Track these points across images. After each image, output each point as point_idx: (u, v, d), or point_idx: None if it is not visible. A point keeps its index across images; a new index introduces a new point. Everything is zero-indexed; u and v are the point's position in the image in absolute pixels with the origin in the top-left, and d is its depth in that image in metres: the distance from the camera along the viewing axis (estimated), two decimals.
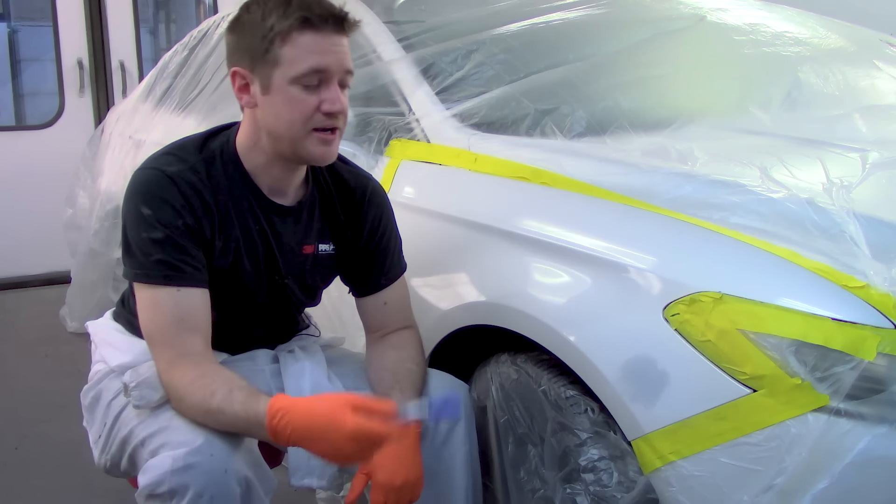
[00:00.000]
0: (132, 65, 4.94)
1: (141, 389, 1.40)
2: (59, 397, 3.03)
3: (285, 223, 1.47)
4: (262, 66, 1.34)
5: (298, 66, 1.32)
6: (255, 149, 1.42)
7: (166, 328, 1.35)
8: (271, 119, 1.37)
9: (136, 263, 1.36)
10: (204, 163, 1.40)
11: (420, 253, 1.71)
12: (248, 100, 1.38)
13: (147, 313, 1.37)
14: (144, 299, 1.36)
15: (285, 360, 1.55)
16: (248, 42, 1.35)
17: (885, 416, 1.13)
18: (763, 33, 2.35)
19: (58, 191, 3.90)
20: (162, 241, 1.33)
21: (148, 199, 1.35)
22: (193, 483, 1.22)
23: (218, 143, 1.44)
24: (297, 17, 1.31)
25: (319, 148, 1.37)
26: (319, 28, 1.32)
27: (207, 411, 1.29)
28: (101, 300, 3.55)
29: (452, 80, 1.93)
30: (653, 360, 1.26)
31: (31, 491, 2.43)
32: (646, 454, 1.26)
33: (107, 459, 1.49)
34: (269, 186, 1.45)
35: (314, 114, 1.34)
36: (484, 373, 1.62)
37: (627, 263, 1.33)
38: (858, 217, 1.26)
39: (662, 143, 1.60)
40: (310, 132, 1.36)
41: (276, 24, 1.31)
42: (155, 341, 1.36)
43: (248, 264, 1.45)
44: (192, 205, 1.36)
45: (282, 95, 1.34)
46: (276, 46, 1.32)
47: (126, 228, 1.37)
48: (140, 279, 1.36)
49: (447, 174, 1.75)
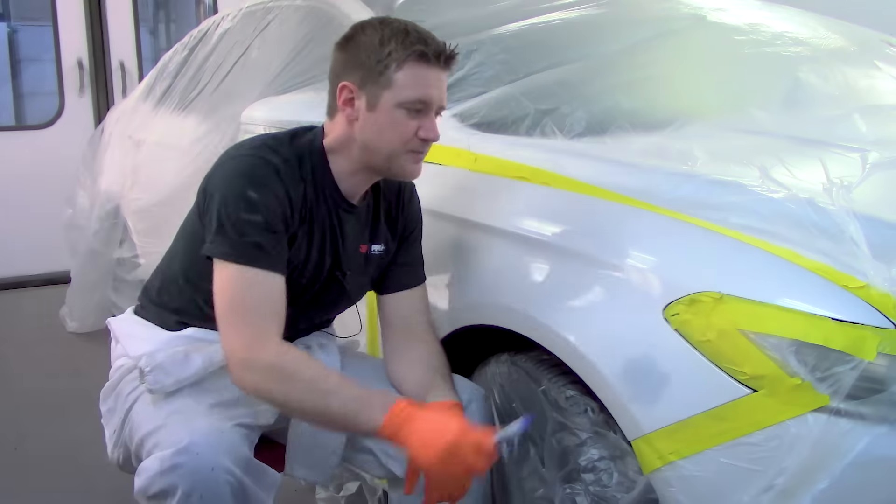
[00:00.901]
0: (132, 65, 4.94)
1: (155, 374, 1.44)
2: (59, 397, 3.03)
3: (350, 222, 1.55)
4: (372, 86, 1.43)
5: (408, 93, 1.42)
6: (343, 155, 1.49)
7: (252, 306, 1.37)
8: (371, 134, 1.45)
9: (227, 242, 1.38)
10: (296, 157, 1.47)
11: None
12: (350, 113, 1.46)
13: (231, 291, 1.38)
14: (231, 277, 1.38)
15: None
16: (361, 61, 1.44)
17: (885, 416, 1.13)
18: (763, 33, 2.35)
19: (58, 191, 3.90)
20: (261, 224, 1.38)
21: (254, 183, 1.40)
22: (181, 483, 1.24)
23: (306, 141, 1.51)
24: (416, 49, 1.42)
25: (412, 166, 1.49)
26: (431, 63, 1.43)
27: (317, 389, 1.34)
28: (101, 300, 3.56)
29: (452, 80, 1.93)
30: (653, 360, 1.26)
31: (31, 491, 2.43)
32: (646, 454, 1.26)
33: (119, 454, 1.52)
34: (347, 189, 1.53)
35: (412, 138, 1.45)
36: (484, 373, 1.62)
37: (627, 263, 1.33)
38: (858, 217, 1.26)
39: (662, 143, 1.60)
40: (406, 152, 1.46)
41: (395, 52, 1.42)
42: (236, 317, 1.37)
43: (317, 255, 1.51)
44: (290, 195, 1.43)
45: (387, 116, 1.43)
46: (390, 71, 1.42)
47: (220, 208, 1.39)
48: (229, 258, 1.38)
49: (447, 174, 1.75)
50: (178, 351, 1.48)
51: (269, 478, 1.35)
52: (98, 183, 3.47)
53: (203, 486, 1.24)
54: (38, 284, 4.60)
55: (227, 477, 1.26)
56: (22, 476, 2.51)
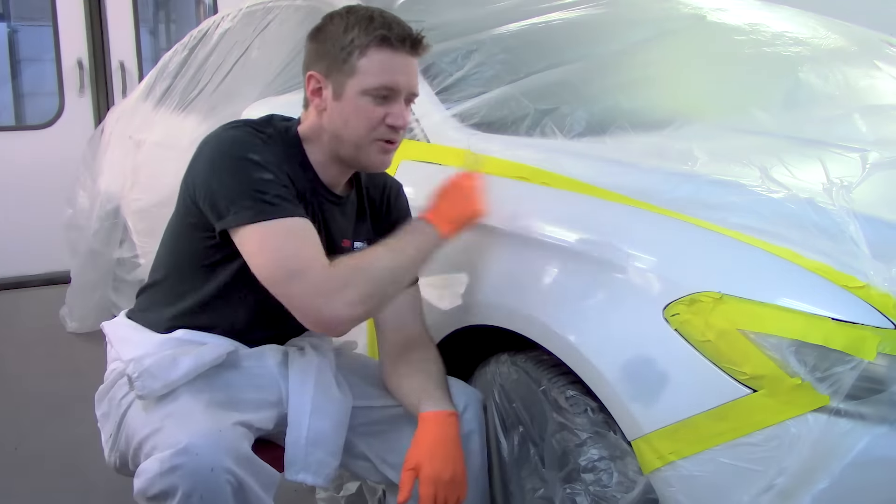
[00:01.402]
0: (132, 65, 4.94)
1: (143, 379, 1.42)
2: (59, 397, 3.03)
3: (333, 213, 1.54)
4: (337, 74, 1.43)
5: (372, 79, 1.41)
6: (316, 145, 1.49)
7: (300, 247, 1.35)
8: (339, 123, 1.45)
9: (245, 206, 1.35)
10: (278, 136, 1.47)
11: None
12: (319, 103, 1.46)
13: (275, 247, 1.35)
14: (264, 238, 1.35)
15: (293, 356, 1.56)
16: (327, 50, 1.44)
17: (885, 416, 1.13)
18: (763, 33, 2.35)
19: (58, 191, 3.90)
20: (273, 181, 1.38)
21: (250, 147, 1.40)
22: (182, 484, 1.23)
23: (282, 127, 1.50)
24: (377, 34, 1.41)
25: (379, 156, 1.48)
26: (396, 48, 1.42)
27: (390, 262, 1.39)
28: (101, 300, 3.56)
29: (452, 80, 1.93)
30: (653, 361, 1.26)
31: (31, 491, 2.43)
32: (646, 454, 1.26)
33: (116, 458, 1.51)
34: (325, 178, 1.52)
35: (379, 125, 1.44)
36: (484, 373, 1.62)
37: (627, 263, 1.33)
38: (858, 217, 1.26)
39: (662, 143, 1.60)
40: (372, 141, 1.45)
41: (357, 38, 1.41)
42: (294, 265, 1.34)
43: None
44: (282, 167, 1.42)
45: (352, 104, 1.43)
46: (353, 58, 1.41)
47: (227, 181, 1.37)
48: (260, 217, 1.35)
49: (447, 174, 1.75)
50: (165, 355, 1.45)
51: (269, 476, 1.35)
52: (98, 183, 3.47)
53: (203, 486, 1.24)
54: (38, 284, 4.60)
55: (227, 477, 1.26)
56: (22, 476, 2.51)
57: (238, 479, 1.27)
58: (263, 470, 1.34)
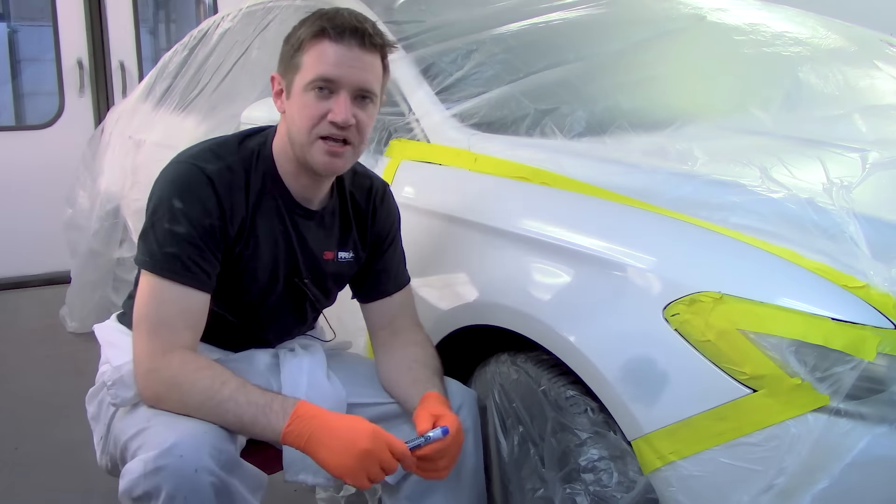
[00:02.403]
0: (132, 65, 4.94)
1: (117, 388, 1.43)
2: (59, 397, 3.03)
3: (309, 227, 1.51)
4: (288, 73, 1.42)
5: (309, 72, 1.37)
6: (286, 155, 1.46)
7: (164, 318, 1.36)
8: (289, 123, 1.42)
9: (148, 251, 1.37)
10: (242, 162, 1.44)
11: (420, 253, 1.71)
12: (280, 105, 1.45)
13: (146, 300, 1.37)
14: (147, 286, 1.38)
15: (284, 356, 1.56)
16: (283, 50, 1.43)
17: (885, 416, 1.13)
18: (763, 33, 2.35)
19: (58, 191, 3.90)
20: (182, 236, 1.35)
21: (182, 193, 1.37)
22: (165, 485, 1.23)
23: (256, 143, 1.48)
24: (316, 26, 1.37)
25: (323, 157, 1.40)
26: (336, 39, 1.37)
27: (211, 399, 1.31)
28: (101, 300, 3.55)
29: (452, 80, 1.93)
30: (653, 360, 1.26)
31: (31, 491, 2.43)
32: (646, 454, 1.26)
33: (107, 460, 1.50)
34: (299, 192, 1.48)
35: (320, 121, 1.38)
36: (484, 373, 1.62)
37: (627, 263, 1.33)
38: (858, 217, 1.26)
39: (662, 143, 1.60)
40: (316, 139, 1.39)
41: (302, 34, 1.39)
42: (147, 327, 1.36)
43: (267, 265, 1.48)
44: (222, 206, 1.39)
45: (297, 100, 1.40)
46: (298, 54, 1.39)
47: (150, 214, 1.38)
48: (147, 266, 1.37)
49: (447, 174, 1.75)
50: None
51: (256, 479, 1.34)
52: (98, 183, 3.47)
53: (187, 487, 1.23)
54: (38, 284, 4.60)
55: (210, 478, 1.24)
56: (22, 476, 2.51)
57: (222, 481, 1.26)
58: (249, 472, 1.33)
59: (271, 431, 1.31)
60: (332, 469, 1.29)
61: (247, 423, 1.31)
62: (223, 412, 1.31)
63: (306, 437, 1.29)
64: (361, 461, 1.28)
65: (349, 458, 1.28)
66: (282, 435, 1.30)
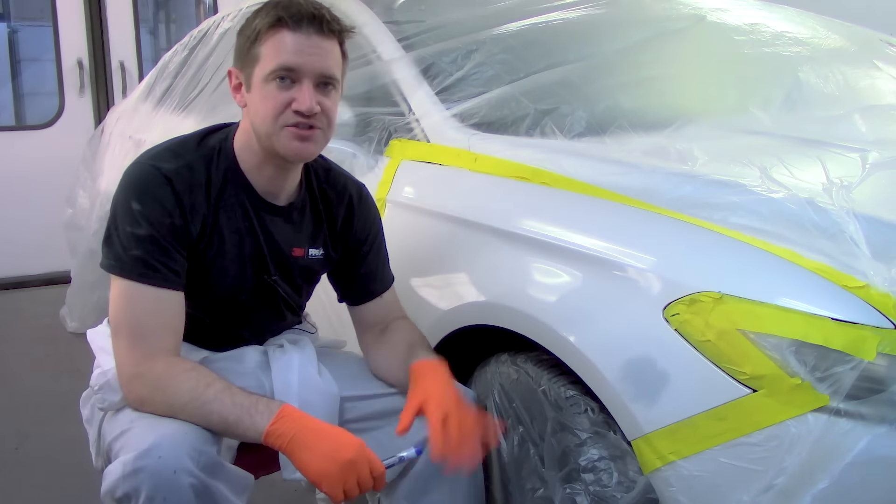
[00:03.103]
0: (132, 65, 4.95)
1: (104, 392, 1.44)
2: (59, 397, 3.03)
3: (276, 223, 1.49)
4: (246, 65, 1.40)
5: (269, 63, 1.36)
6: (249, 149, 1.44)
7: (140, 321, 1.36)
8: (253, 115, 1.41)
9: (112, 254, 1.37)
10: (202, 160, 1.43)
11: (420, 253, 1.71)
12: (240, 99, 1.43)
13: (119, 304, 1.37)
14: (119, 292, 1.37)
15: (274, 353, 1.55)
16: (239, 43, 1.41)
17: (885, 416, 1.13)
18: (763, 33, 2.35)
19: (58, 191, 3.90)
20: (144, 238, 1.35)
21: (139, 194, 1.36)
22: (144, 486, 1.22)
23: (217, 140, 1.46)
24: (272, 16, 1.35)
25: (292, 143, 1.39)
26: (294, 28, 1.35)
27: (196, 400, 1.31)
28: (101, 300, 3.54)
29: (452, 80, 1.93)
30: (653, 360, 1.26)
31: (31, 491, 2.43)
32: (646, 454, 1.26)
33: (101, 463, 1.51)
34: (263, 187, 1.47)
35: (284, 110, 1.37)
36: (484, 373, 1.62)
37: (627, 263, 1.33)
38: (858, 217, 1.26)
39: (662, 143, 1.60)
40: (282, 128, 1.38)
41: (258, 25, 1.37)
42: (125, 332, 1.36)
43: (233, 262, 1.47)
44: (182, 204, 1.38)
45: (259, 92, 1.38)
46: (256, 45, 1.37)
47: (112, 220, 1.38)
48: (114, 271, 1.37)
49: (447, 174, 1.75)
50: None
51: (241, 480, 1.33)
52: (98, 183, 3.47)
53: (166, 489, 1.22)
54: (38, 284, 4.60)
55: (190, 480, 1.24)
56: (22, 476, 2.51)
57: (202, 482, 1.25)
58: (233, 473, 1.32)
59: (254, 431, 1.30)
60: (312, 472, 1.28)
61: (231, 424, 1.31)
62: (207, 413, 1.31)
63: (289, 436, 1.29)
64: (343, 471, 1.28)
65: (332, 465, 1.28)
66: (265, 433, 1.29)
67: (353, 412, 1.55)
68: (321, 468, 1.28)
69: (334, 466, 1.28)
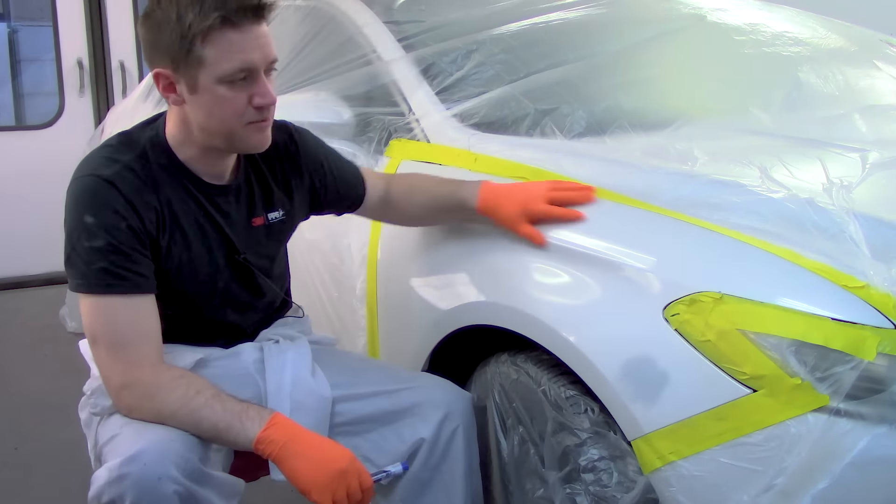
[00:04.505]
0: (132, 65, 4.94)
1: (96, 397, 1.44)
2: (59, 397, 3.03)
3: (228, 201, 1.48)
4: (185, 68, 1.31)
5: (223, 66, 1.30)
6: (188, 142, 1.41)
7: (118, 333, 1.34)
8: (202, 117, 1.36)
9: (77, 273, 1.35)
10: (139, 159, 1.39)
11: (420, 253, 1.71)
12: (175, 98, 1.36)
13: (94, 319, 1.35)
14: (90, 308, 1.35)
15: (269, 352, 1.54)
16: (165, 42, 1.31)
17: (885, 416, 1.13)
18: (763, 33, 2.35)
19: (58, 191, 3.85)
20: (104, 248, 1.32)
21: (89, 206, 1.34)
22: (128, 493, 1.22)
23: (147, 137, 1.42)
24: (215, 16, 1.28)
25: (256, 136, 1.38)
26: (239, 24, 1.29)
27: (186, 407, 1.31)
28: None
29: (452, 80, 1.93)
30: (653, 361, 1.26)
31: (31, 491, 2.43)
32: (646, 454, 1.26)
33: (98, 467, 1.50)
34: (207, 172, 1.45)
35: (245, 109, 1.35)
36: (484, 373, 1.62)
37: (627, 263, 1.33)
38: (858, 217, 1.26)
39: (662, 143, 1.60)
40: (244, 125, 1.36)
41: (195, 24, 1.28)
42: (105, 346, 1.35)
43: (201, 251, 1.45)
44: (133, 204, 1.35)
45: (210, 95, 1.32)
46: (197, 47, 1.29)
47: (68, 240, 1.36)
48: (82, 289, 1.35)
49: (447, 174, 1.75)
50: None
51: (230, 486, 1.33)
52: None
53: (150, 496, 1.22)
54: (38, 284, 4.60)
55: (174, 487, 1.23)
56: (22, 476, 2.51)
57: (188, 490, 1.25)
58: (221, 480, 1.32)
59: (245, 438, 1.30)
60: (301, 481, 1.29)
61: (222, 431, 1.31)
62: (198, 419, 1.31)
63: (280, 444, 1.29)
64: (333, 481, 1.28)
65: (323, 475, 1.28)
66: (255, 440, 1.29)
67: (345, 415, 1.54)
68: (311, 477, 1.28)
69: (325, 476, 1.28)
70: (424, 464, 1.49)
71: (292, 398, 1.47)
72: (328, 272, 1.94)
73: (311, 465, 1.29)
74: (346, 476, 1.29)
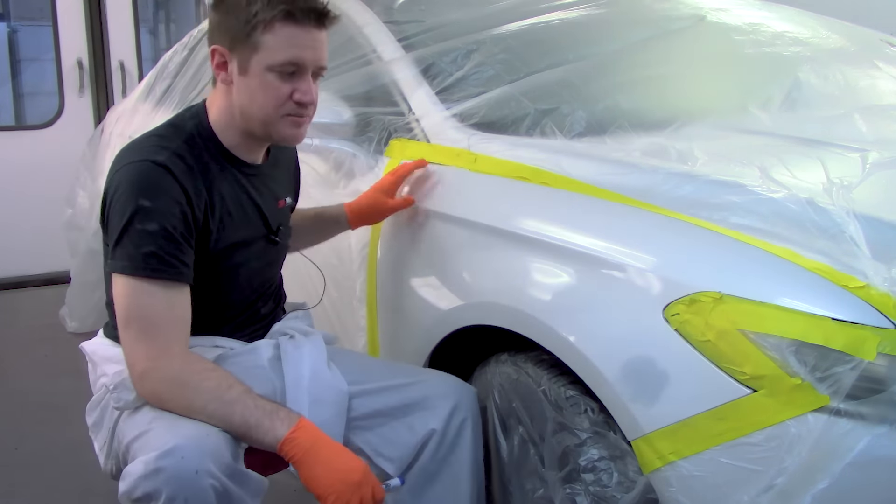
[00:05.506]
0: (132, 65, 4.94)
1: (119, 391, 1.45)
2: (59, 397, 3.03)
3: (261, 183, 1.56)
4: (241, 49, 1.40)
5: (276, 55, 1.38)
6: (231, 126, 1.47)
7: (154, 317, 1.36)
8: (245, 99, 1.43)
9: (124, 255, 1.36)
10: (186, 146, 1.44)
11: (420, 253, 1.71)
12: (224, 76, 1.44)
13: (130, 301, 1.36)
14: (129, 290, 1.36)
15: (285, 347, 1.56)
16: (230, 23, 1.40)
17: (885, 416, 1.13)
18: (763, 33, 2.35)
19: (58, 191, 3.89)
20: (157, 232, 1.35)
21: (146, 190, 1.36)
22: (165, 487, 1.23)
23: (191, 125, 1.48)
24: (281, 8, 1.37)
25: (291, 129, 1.46)
26: (300, 22, 1.38)
27: (218, 400, 1.33)
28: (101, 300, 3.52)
29: (452, 80, 1.93)
30: (653, 360, 1.26)
31: (31, 491, 2.43)
32: (646, 454, 1.26)
33: (112, 465, 1.51)
34: (246, 155, 1.52)
35: (286, 101, 1.42)
36: (484, 373, 1.62)
37: (627, 263, 1.33)
38: (858, 217, 1.26)
39: (662, 143, 1.60)
40: (282, 117, 1.43)
41: (261, 12, 1.37)
42: (137, 329, 1.36)
43: (248, 232, 1.52)
44: (186, 190, 1.39)
45: (258, 80, 1.40)
46: (257, 33, 1.38)
47: (117, 222, 1.37)
48: (127, 271, 1.36)
49: (447, 174, 1.75)
50: None
51: (255, 483, 1.34)
52: (98, 183, 3.46)
53: (187, 489, 1.23)
54: (38, 284, 4.60)
55: (210, 481, 1.24)
56: (22, 476, 2.51)
57: (222, 484, 1.26)
58: (250, 477, 1.33)
59: (273, 437, 1.32)
60: (321, 486, 1.30)
61: (252, 426, 1.32)
62: (230, 413, 1.32)
63: (305, 448, 1.31)
64: (351, 491, 1.30)
65: (342, 484, 1.30)
66: (283, 440, 1.31)
67: (360, 409, 1.55)
68: (331, 485, 1.30)
69: (344, 486, 1.30)
70: (433, 455, 1.50)
71: (310, 392, 1.49)
72: (328, 272, 1.94)
73: (331, 474, 1.30)
74: (361, 488, 1.31)
